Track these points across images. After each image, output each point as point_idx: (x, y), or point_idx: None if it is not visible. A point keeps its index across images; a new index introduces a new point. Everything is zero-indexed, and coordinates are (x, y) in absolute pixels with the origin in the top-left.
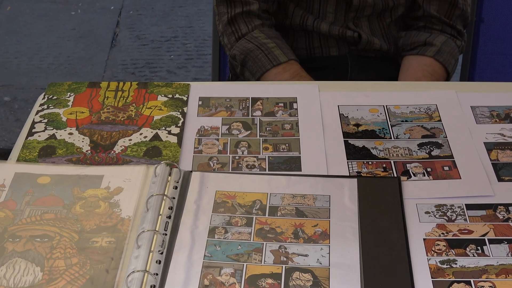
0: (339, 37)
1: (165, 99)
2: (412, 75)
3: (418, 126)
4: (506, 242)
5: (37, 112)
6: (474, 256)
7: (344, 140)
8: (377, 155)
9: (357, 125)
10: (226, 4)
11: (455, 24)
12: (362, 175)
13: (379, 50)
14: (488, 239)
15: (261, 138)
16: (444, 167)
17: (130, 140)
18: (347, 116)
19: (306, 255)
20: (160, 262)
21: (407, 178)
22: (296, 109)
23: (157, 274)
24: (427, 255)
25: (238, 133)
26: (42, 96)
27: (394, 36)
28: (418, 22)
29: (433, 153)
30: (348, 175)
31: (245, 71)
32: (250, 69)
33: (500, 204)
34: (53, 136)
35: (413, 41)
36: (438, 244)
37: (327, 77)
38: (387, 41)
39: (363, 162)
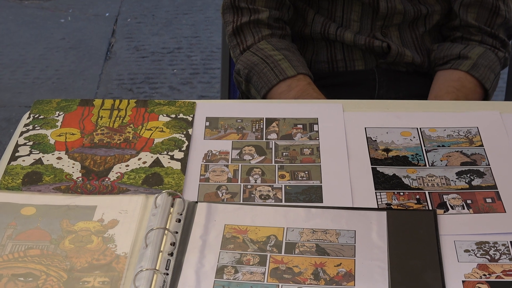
0: (365, 48)
1: (167, 119)
2: (434, 93)
3: (457, 152)
4: None
5: (21, 133)
6: None
7: (371, 168)
8: (409, 184)
9: (387, 150)
10: (232, 13)
11: (497, 33)
12: (392, 207)
13: (411, 63)
14: None
15: (276, 165)
16: (487, 199)
17: (127, 166)
18: (375, 140)
19: None
20: None
21: (444, 212)
22: (317, 131)
23: None
24: None
25: (251, 158)
26: (26, 115)
27: (428, 48)
28: (455, 33)
29: (473, 183)
30: (376, 207)
31: (250, 88)
32: (255, 86)
33: None
34: (39, 161)
35: (446, 54)
36: None
37: (351, 95)
38: (420, 54)
39: (394, 192)
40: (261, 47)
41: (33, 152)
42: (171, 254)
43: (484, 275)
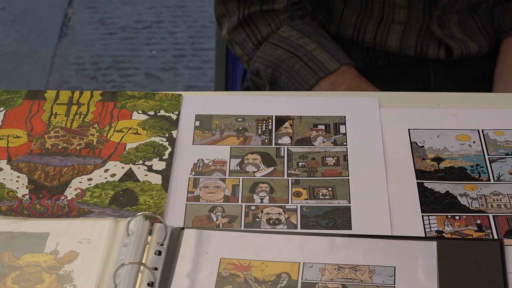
0: (415, 58)
1: (144, 117)
2: (505, 75)
3: None
4: None
5: None
6: None
7: (417, 183)
8: (468, 205)
9: (438, 159)
10: (237, 1)
11: None
12: (445, 236)
13: (477, 53)
14: None
15: (290, 179)
16: None
17: (89, 180)
18: (423, 146)
19: None
20: None
21: None
22: (344, 134)
23: None
24: None
25: (255, 170)
26: None
27: (495, 26)
28: None
29: None
30: (424, 236)
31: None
32: (285, 89)
33: None
34: None
35: None
36: None
37: (395, 88)
38: (487, 38)
39: (447, 216)
40: (284, 36)
41: None
42: None
43: None
